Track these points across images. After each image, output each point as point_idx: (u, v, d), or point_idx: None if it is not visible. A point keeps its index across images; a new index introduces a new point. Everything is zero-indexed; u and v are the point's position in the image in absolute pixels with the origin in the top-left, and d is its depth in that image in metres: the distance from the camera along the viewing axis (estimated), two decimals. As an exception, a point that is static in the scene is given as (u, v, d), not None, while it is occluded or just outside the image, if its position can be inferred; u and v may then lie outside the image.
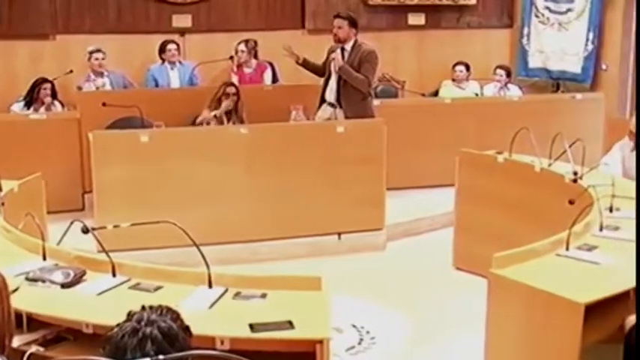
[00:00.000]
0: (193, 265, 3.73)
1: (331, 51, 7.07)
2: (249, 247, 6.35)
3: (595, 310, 3.54)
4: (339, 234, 6.64)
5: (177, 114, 7.38)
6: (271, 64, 8.97)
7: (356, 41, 7.02)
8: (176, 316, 2.38)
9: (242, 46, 8.75)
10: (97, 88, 8.11)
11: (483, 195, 5.98)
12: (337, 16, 7.11)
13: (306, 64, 7.26)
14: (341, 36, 6.98)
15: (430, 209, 7.29)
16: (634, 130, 6.42)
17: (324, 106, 7.11)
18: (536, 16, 9.82)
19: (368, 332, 5.11)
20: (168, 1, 8.98)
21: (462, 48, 9.72)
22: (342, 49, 6.98)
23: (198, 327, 2.50)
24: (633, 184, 5.72)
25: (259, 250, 6.35)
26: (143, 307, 2.39)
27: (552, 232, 4.22)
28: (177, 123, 7.13)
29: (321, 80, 7.22)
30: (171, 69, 8.62)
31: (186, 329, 2.38)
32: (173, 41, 8.68)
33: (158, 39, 8.71)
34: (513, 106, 8.35)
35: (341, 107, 7.00)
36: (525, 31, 9.92)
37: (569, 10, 9.59)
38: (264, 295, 3.49)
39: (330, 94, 7.06)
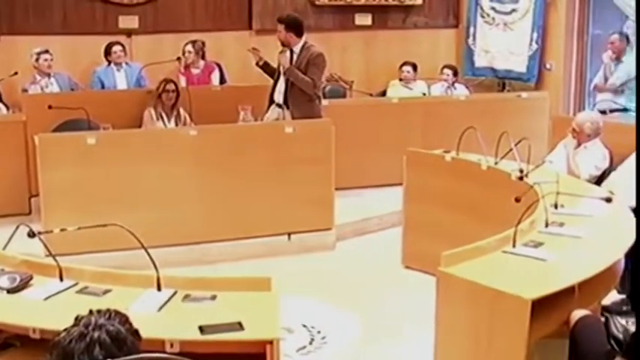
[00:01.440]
0: (142, 267, 3.70)
1: (281, 52, 7.07)
2: (199, 249, 6.32)
3: (541, 306, 3.59)
4: (289, 234, 6.64)
5: (125, 116, 7.34)
6: (219, 65, 8.95)
7: (305, 43, 7.03)
8: (124, 320, 2.37)
9: (189, 47, 8.71)
10: (42, 88, 7.99)
11: (431, 194, 6.02)
12: (277, 19, 7.12)
13: (265, 67, 7.25)
14: (282, 39, 6.98)
15: (379, 208, 7.33)
16: (577, 129, 6.54)
17: (273, 107, 7.11)
18: (482, 17, 9.94)
19: (319, 332, 5.12)
20: (115, 2, 8.90)
21: (409, 48, 9.79)
22: (291, 51, 6.99)
23: (148, 330, 2.49)
24: (577, 181, 5.85)
25: (209, 252, 6.32)
26: (91, 312, 2.38)
27: (499, 230, 4.26)
28: (125, 125, 7.09)
29: (270, 81, 7.21)
30: (118, 70, 8.54)
31: (135, 333, 2.38)
32: (119, 43, 8.60)
33: (104, 40, 8.63)
34: (460, 105, 8.41)
35: (288, 108, 7.01)
36: (471, 31, 10.02)
37: (513, 10, 9.72)
38: (213, 297, 3.48)
39: (279, 95, 7.06)
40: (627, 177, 6.05)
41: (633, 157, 6.19)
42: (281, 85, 7.04)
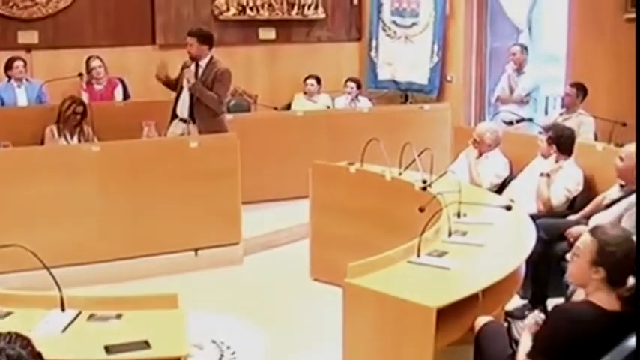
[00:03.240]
0: (45, 288, 3.63)
1: (185, 66, 7.02)
2: (104, 267, 6.20)
3: (446, 314, 3.65)
4: (196, 250, 6.60)
5: (25, 133, 7.18)
6: (122, 80, 8.84)
7: (211, 58, 7.00)
8: (26, 343, 2.31)
9: (97, 62, 8.57)
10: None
11: (337, 205, 6.07)
12: (188, 33, 7.06)
13: (167, 81, 7.17)
14: (194, 53, 6.94)
15: (287, 221, 7.34)
16: (478, 139, 6.69)
17: (176, 121, 7.04)
18: (384, 30, 10.08)
19: (228, 347, 5.10)
20: (14, 17, 8.71)
21: (312, 61, 9.86)
22: (197, 65, 6.95)
23: (52, 352, 2.45)
24: (479, 190, 5.98)
25: (114, 270, 6.21)
26: (-9, 335, 2.31)
27: (405, 240, 4.31)
28: (25, 142, 6.92)
29: (172, 95, 7.15)
30: (18, 86, 8.32)
31: (38, 355, 2.32)
32: (20, 58, 8.38)
33: (4, 56, 8.42)
34: (364, 117, 8.51)
35: (194, 123, 6.96)
36: (374, 44, 10.15)
37: (414, 24, 9.89)
38: (119, 316, 3.43)
39: (183, 110, 7.01)
40: (525, 185, 6.23)
41: (532, 166, 6.37)
42: (184, 99, 6.99)
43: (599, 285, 3.32)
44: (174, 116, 7.06)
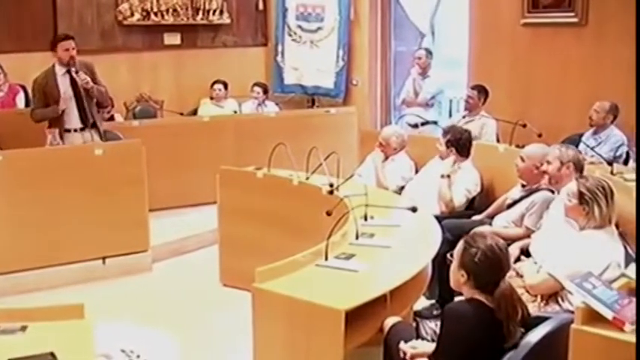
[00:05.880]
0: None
1: (47, 76, 6.78)
2: (9, 279, 6.09)
3: (355, 316, 3.69)
4: (104, 258, 6.52)
5: None
6: (23, 87, 8.65)
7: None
8: None
9: (-3, 70, 8.38)
10: None
11: (245, 210, 6.08)
12: (68, 38, 6.79)
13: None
14: (75, 57, 6.76)
15: (196, 227, 7.32)
16: (384, 142, 6.79)
17: (70, 134, 6.81)
18: (289, 35, 10.12)
19: (138, 356, 5.03)
20: None
21: (219, 67, 9.82)
22: (69, 71, 6.75)
23: (-47, 367, 2.40)
24: (385, 193, 6.07)
25: (20, 281, 6.10)
26: None
27: (313, 243, 4.34)
28: None
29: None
30: None
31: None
32: None
33: None
34: (271, 122, 8.54)
35: (97, 130, 6.85)
36: (280, 48, 10.18)
37: (319, 28, 9.96)
38: (24, 328, 3.36)
39: (76, 120, 6.79)
40: (422, 187, 6.35)
41: (429, 166, 6.51)
42: (73, 108, 6.79)
43: (469, 290, 3.44)
44: (66, 129, 6.80)
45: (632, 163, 5.99)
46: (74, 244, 6.35)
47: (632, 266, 3.36)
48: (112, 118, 8.52)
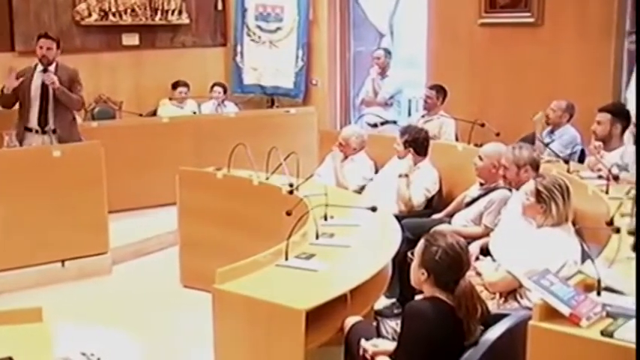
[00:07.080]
0: None
1: (21, 75, 6.76)
2: (-34, 283, 6.03)
3: (316, 316, 3.69)
4: (63, 261, 6.47)
5: None
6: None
7: (57, 62, 6.85)
8: None
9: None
10: None
11: (205, 211, 6.07)
12: (46, 36, 6.85)
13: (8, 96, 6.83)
14: (52, 58, 6.77)
15: (156, 229, 7.30)
16: (343, 142, 6.81)
17: (31, 134, 6.79)
18: (248, 35, 10.11)
19: (99, 359, 5.01)
20: None
21: (178, 67, 9.78)
22: (45, 70, 6.74)
23: None
24: (345, 193, 6.09)
25: (-23, 285, 6.05)
26: None
27: (273, 244, 4.35)
28: None
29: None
30: None
31: None
32: None
33: None
34: (230, 122, 8.53)
35: (55, 132, 6.78)
36: (239, 49, 10.17)
37: (278, 28, 9.97)
38: (-19, 333, 3.34)
39: (35, 120, 6.77)
40: (381, 186, 6.38)
41: (388, 166, 6.55)
42: (35, 109, 6.76)
43: (429, 288, 3.47)
44: (28, 127, 6.79)
45: (587, 161, 6.07)
46: (32, 247, 6.29)
47: (589, 263, 3.40)
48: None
